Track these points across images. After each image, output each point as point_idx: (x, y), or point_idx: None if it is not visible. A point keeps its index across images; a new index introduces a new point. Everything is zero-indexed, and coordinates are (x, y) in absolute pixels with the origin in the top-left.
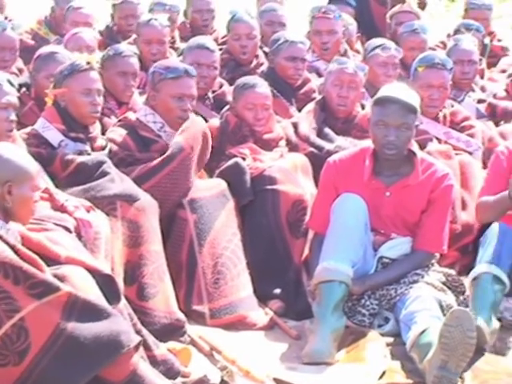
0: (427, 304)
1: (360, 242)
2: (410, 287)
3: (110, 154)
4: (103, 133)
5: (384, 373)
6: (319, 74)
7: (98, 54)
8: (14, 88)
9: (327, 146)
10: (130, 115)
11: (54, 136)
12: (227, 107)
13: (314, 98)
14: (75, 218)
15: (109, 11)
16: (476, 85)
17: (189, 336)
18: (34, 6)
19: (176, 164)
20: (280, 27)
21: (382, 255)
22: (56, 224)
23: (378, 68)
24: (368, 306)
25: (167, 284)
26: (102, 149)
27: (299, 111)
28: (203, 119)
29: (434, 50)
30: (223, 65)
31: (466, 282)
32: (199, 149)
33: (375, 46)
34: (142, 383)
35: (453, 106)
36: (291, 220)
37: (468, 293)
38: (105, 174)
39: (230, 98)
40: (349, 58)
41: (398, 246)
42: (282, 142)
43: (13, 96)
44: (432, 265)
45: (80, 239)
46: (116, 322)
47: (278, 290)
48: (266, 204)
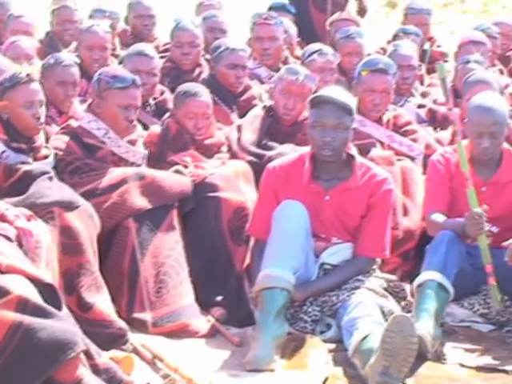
0: (369, 310)
1: (301, 248)
2: (352, 293)
3: (58, 161)
4: (46, 141)
5: (326, 379)
6: (261, 81)
7: (38, 63)
8: None
9: (268, 153)
10: (73, 123)
11: None
12: (168, 114)
13: (255, 105)
14: (16, 227)
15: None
16: (416, 90)
17: (131, 344)
18: None
19: (132, 188)
20: (221, 34)
21: (323, 261)
22: None
23: (315, 73)
24: (310, 312)
25: (106, 294)
26: (45, 158)
27: (240, 118)
28: (144, 126)
29: None
30: (166, 73)
31: (407, 288)
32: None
33: (312, 52)
34: None
35: (396, 110)
36: (233, 227)
37: (409, 298)
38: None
39: (171, 105)
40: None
41: (339, 252)
42: (224, 148)
43: None
44: (374, 271)
45: (21, 248)
46: (67, 324)
47: (219, 298)
48: (207, 211)
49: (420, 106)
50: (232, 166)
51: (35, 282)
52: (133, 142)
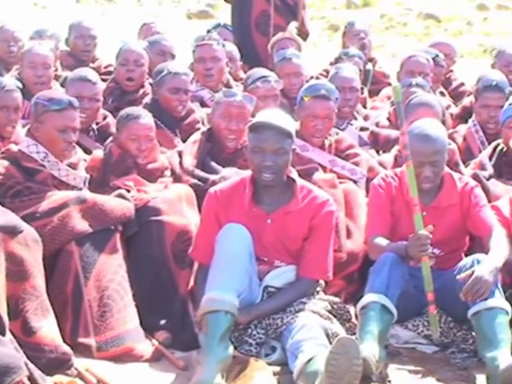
0: (313, 332)
1: (245, 271)
2: (296, 316)
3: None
4: None
5: None
6: (203, 104)
7: None
8: None
9: (212, 176)
10: (13, 147)
11: None
12: (111, 139)
13: (199, 129)
14: None
15: None
16: (358, 113)
17: (75, 369)
18: None
19: (73, 211)
20: (170, 58)
21: (267, 284)
22: None
23: (258, 101)
24: (255, 335)
25: (51, 318)
26: None
27: (184, 142)
28: (87, 151)
29: (317, 78)
30: (109, 93)
31: (351, 310)
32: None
33: (255, 79)
34: None
35: (337, 134)
36: (176, 251)
37: (354, 321)
38: None
39: (113, 129)
40: (232, 88)
41: (282, 275)
42: (167, 173)
43: None
44: (317, 293)
45: None
46: (10, 349)
47: (164, 321)
48: (151, 235)
49: (362, 129)
50: (175, 189)
51: None
52: (73, 166)
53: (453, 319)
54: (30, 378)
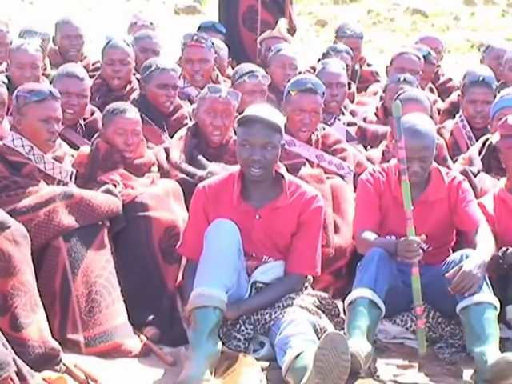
0: (302, 328)
1: (234, 267)
2: (285, 311)
3: None
4: None
5: None
6: (190, 101)
7: None
8: None
9: (199, 172)
10: None
11: None
12: (97, 134)
13: (186, 124)
14: None
15: None
16: (346, 108)
17: (64, 365)
18: None
19: (60, 207)
20: (153, 54)
21: (255, 280)
22: None
23: (245, 96)
24: (243, 330)
25: (40, 314)
26: None
27: (171, 138)
28: (75, 146)
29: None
30: (95, 89)
31: (340, 305)
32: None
33: (243, 74)
34: None
35: (324, 129)
36: (164, 246)
37: (342, 316)
38: None
39: (101, 125)
40: (220, 85)
41: (271, 270)
42: (154, 168)
43: None
44: (306, 288)
45: None
46: None
47: (152, 317)
48: (138, 231)
49: (350, 124)
50: (162, 184)
51: None
52: (59, 159)
53: (441, 314)
54: (19, 373)
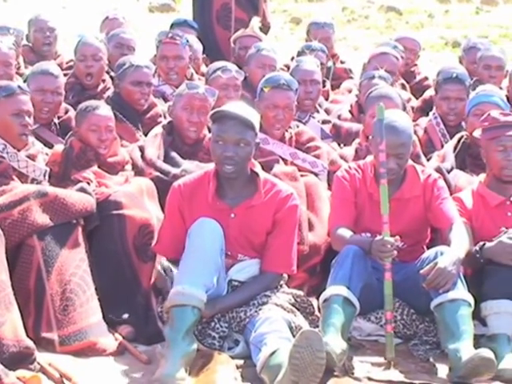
0: (277, 325)
1: (215, 266)
2: (260, 309)
3: None
4: None
5: None
6: (165, 99)
7: None
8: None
9: (173, 170)
10: None
11: None
12: (71, 133)
13: (161, 123)
14: None
15: None
16: (321, 106)
17: (38, 363)
18: None
19: (34, 205)
20: (128, 51)
21: (231, 278)
22: None
23: (219, 90)
24: (218, 328)
25: (15, 312)
26: None
27: (146, 136)
28: (49, 145)
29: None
30: (69, 88)
31: (314, 303)
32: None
33: (216, 69)
34: None
35: (298, 127)
36: (138, 244)
37: (317, 313)
38: None
39: (75, 123)
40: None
41: (246, 269)
42: (128, 166)
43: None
44: (281, 286)
45: None
46: None
47: (127, 315)
48: (112, 229)
49: (324, 122)
50: (136, 183)
51: None
52: (32, 157)
53: (415, 311)
54: None
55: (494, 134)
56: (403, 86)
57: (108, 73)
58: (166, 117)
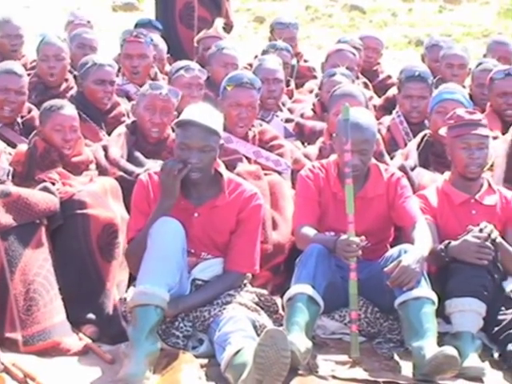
0: (241, 325)
1: (177, 265)
2: (224, 308)
3: None
4: None
5: None
6: (129, 98)
7: None
8: None
9: (137, 170)
10: None
11: None
12: (35, 132)
13: (124, 122)
14: None
15: None
16: (284, 105)
17: (2, 364)
18: None
19: None
20: (91, 51)
21: (194, 277)
22: None
23: (182, 89)
24: (182, 328)
25: None
26: None
27: (109, 135)
28: (12, 144)
29: None
30: (32, 88)
31: (278, 301)
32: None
33: (179, 68)
34: None
35: (261, 126)
36: (102, 244)
37: (281, 312)
38: None
39: (38, 122)
40: (159, 82)
41: (210, 268)
42: (92, 166)
43: None
44: (244, 285)
45: None
46: None
47: (91, 315)
48: (76, 228)
49: (288, 121)
50: (100, 182)
51: None
52: None
53: (379, 309)
54: None
55: (459, 132)
56: (366, 85)
57: (71, 72)
58: (129, 116)
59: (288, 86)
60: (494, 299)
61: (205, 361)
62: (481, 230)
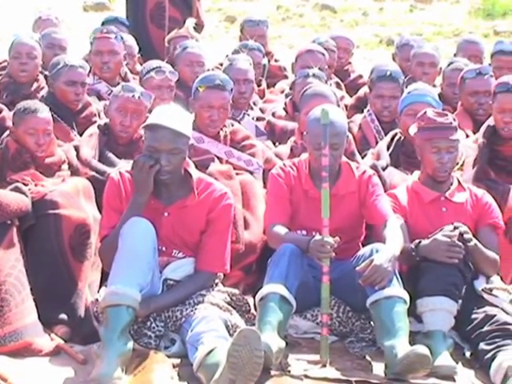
0: (213, 325)
1: (148, 265)
2: (196, 308)
3: None
4: None
5: None
6: (100, 97)
7: None
8: None
9: (109, 170)
10: None
11: None
12: (7, 133)
13: (95, 122)
14: None
15: None
16: (255, 105)
17: None
18: None
19: None
20: (60, 50)
21: (166, 277)
22: None
23: (152, 91)
24: (154, 328)
25: None
26: None
27: (80, 135)
28: None
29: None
30: (3, 88)
31: (250, 301)
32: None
33: (150, 69)
34: None
35: (233, 125)
36: (74, 244)
37: (253, 312)
38: None
39: (9, 123)
40: (129, 81)
41: (181, 268)
42: (65, 166)
43: None
44: (216, 285)
45: None
46: None
47: (62, 315)
48: (48, 228)
49: (259, 119)
50: (72, 182)
51: None
52: None
53: (351, 309)
54: None
55: (429, 136)
56: (338, 85)
57: (42, 72)
58: (100, 116)
59: (259, 85)
60: (466, 298)
61: (177, 361)
62: (455, 228)
